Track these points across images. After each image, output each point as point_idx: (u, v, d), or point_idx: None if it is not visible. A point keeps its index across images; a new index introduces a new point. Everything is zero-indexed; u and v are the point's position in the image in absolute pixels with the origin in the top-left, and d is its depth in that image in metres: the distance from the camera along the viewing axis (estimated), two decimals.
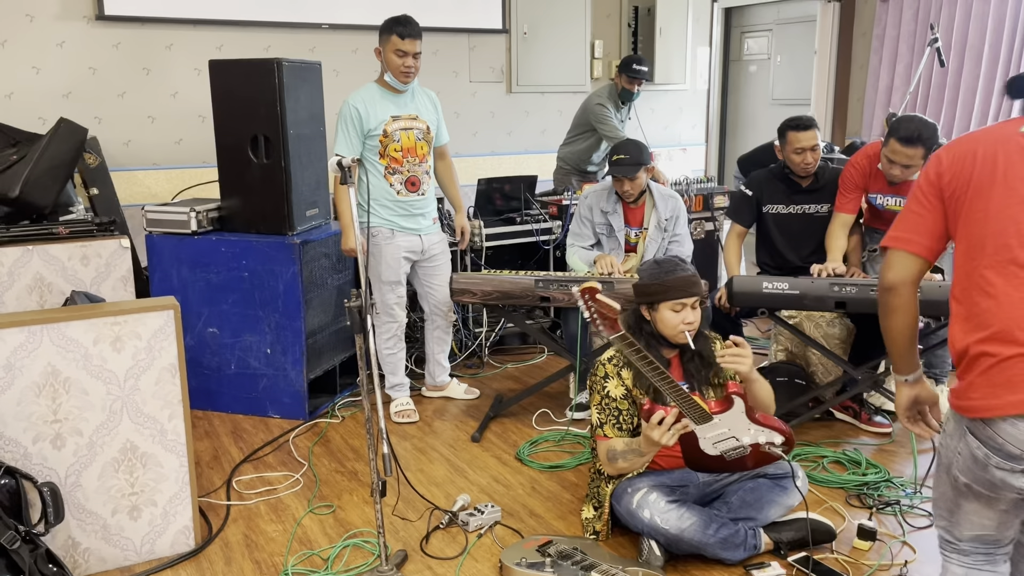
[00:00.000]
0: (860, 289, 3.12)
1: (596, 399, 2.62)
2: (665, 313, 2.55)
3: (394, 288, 3.68)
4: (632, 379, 2.57)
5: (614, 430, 2.57)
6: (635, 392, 2.58)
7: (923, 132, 3.16)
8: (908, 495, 2.93)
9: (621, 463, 2.52)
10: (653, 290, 2.55)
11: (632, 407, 2.58)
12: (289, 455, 3.41)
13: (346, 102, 3.53)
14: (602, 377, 2.61)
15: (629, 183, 3.71)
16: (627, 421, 2.58)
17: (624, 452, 2.51)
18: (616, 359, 2.62)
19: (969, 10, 6.08)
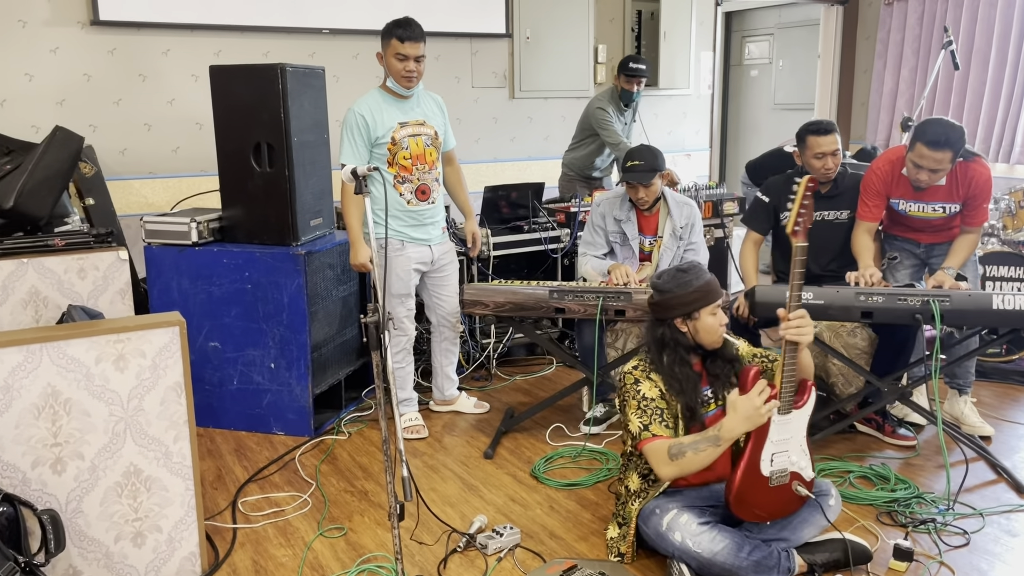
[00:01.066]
0: (887, 298, 3.02)
1: (633, 405, 2.50)
2: (706, 319, 2.47)
3: (404, 301, 3.57)
4: (664, 385, 2.50)
5: (663, 428, 2.45)
6: (667, 395, 2.49)
7: (951, 135, 3.07)
8: (941, 512, 2.83)
9: (690, 456, 2.35)
10: (692, 298, 2.46)
11: (669, 407, 2.48)
12: (296, 474, 3.29)
13: (351, 110, 3.41)
14: (633, 383, 2.50)
15: (644, 190, 3.61)
16: (670, 419, 2.48)
17: (695, 443, 2.37)
18: (641, 366, 2.53)
19: (976, 13, 6.02)
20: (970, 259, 3.47)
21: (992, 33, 5.92)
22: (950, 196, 3.32)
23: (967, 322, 3.02)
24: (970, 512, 2.86)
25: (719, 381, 2.54)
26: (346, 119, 3.40)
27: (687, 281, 2.47)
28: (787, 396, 2.39)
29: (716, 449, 2.35)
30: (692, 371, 2.49)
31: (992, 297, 2.96)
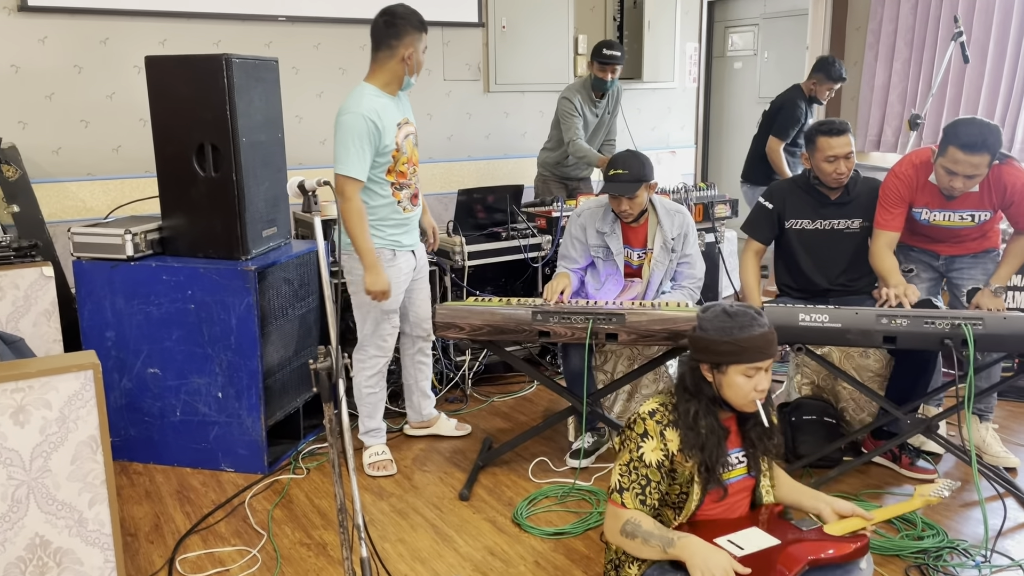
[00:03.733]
0: (913, 322, 2.69)
1: (625, 458, 2.13)
2: (736, 378, 2.08)
3: (391, 317, 3.21)
4: (680, 442, 2.11)
5: (635, 501, 2.10)
6: (678, 458, 2.10)
7: (988, 137, 2.74)
8: (978, 565, 2.51)
9: (638, 543, 2.05)
10: (724, 349, 2.07)
11: (664, 480, 2.11)
12: (244, 522, 2.90)
13: (357, 113, 2.94)
14: (640, 435, 2.12)
15: (628, 202, 3.24)
16: (652, 495, 2.11)
17: (649, 535, 2.04)
18: (661, 415, 2.13)
19: (974, 4, 5.72)
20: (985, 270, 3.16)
21: (992, 24, 5.63)
22: (981, 203, 2.99)
23: (1003, 348, 2.70)
24: (1009, 564, 2.54)
25: (754, 447, 2.18)
26: (350, 124, 2.94)
27: (727, 327, 2.08)
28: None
29: (661, 555, 2.02)
30: (718, 424, 2.12)
31: None
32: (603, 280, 3.39)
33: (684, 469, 2.13)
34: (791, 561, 1.98)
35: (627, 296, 3.41)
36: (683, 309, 2.96)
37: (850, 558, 2.05)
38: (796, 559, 1.99)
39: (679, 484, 2.16)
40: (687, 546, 1.98)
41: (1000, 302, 2.92)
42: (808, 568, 2.00)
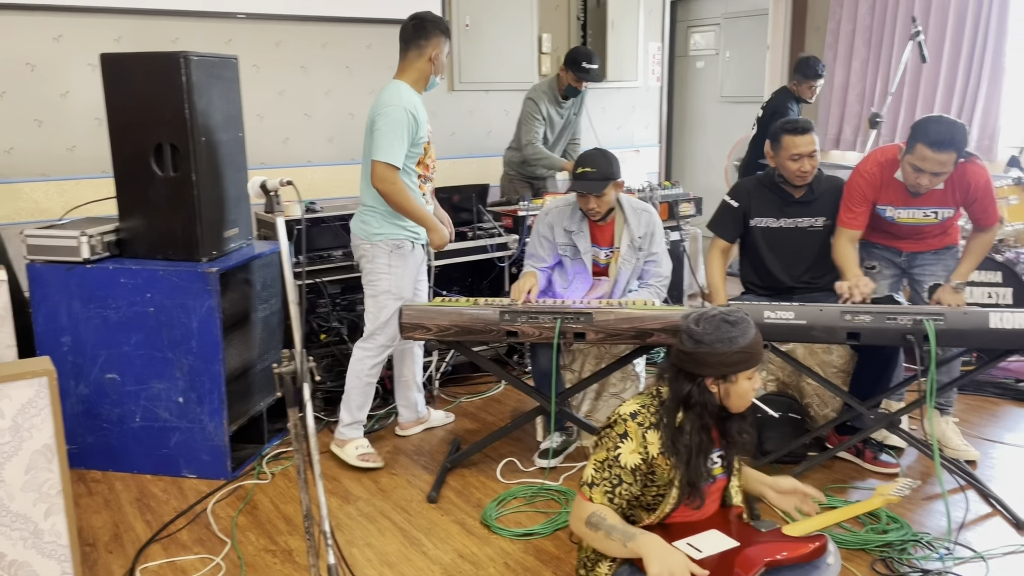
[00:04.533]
0: (876, 318, 2.72)
1: (601, 455, 2.11)
2: (743, 384, 2.06)
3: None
4: (661, 445, 2.09)
5: (604, 497, 2.09)
6: (659, 460, 2.09)
7: (955, 135, 2.78)
8: (942, 557, 2.55)
9: (600, 536, 2.04)
10: (735, 359, 2.03)
11: (636, 484, 2.10)
12: (207, 530, 2.83)
13: (399, 106, 3.07)
14: (619, 435, 2.09)
15: (595, 200, 3.23)
16: (622, 495, 2.10)
17: (612, 528, 2.03)
18: (643, 417, 2.10)
19: (930, 3, 5.83)
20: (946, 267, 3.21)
21: (947, 24, 5.74)
22: (945, 200, 3.04)
23: (962, 343, 2.75)
24: (971, 556, 2.58)
25: (732, 447, 2.18)
26: (394, 115, 3.06)
27: (732, 337, 2.03)
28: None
29: (620, 550, 2.01)
30: (710, 440, 2.12)
31: (989, 316, 2.69)
32: (571, 279, 3.39)
33: (664, 472, 2.12)
34: (748, 563, 1.99)
35: (594, 295, 3.40)
36: (650, 308, 2.96)
37: (807, 558, 2.06)
38: (753, 561, 2.00)
39: (657, 486, 2.15)
40: (646, 543, 1.97)
41: (961, 298, 2.97)
42: (765, 569, 2.01)
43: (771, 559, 2.04)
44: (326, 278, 3.81)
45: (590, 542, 2.10)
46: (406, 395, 3.55)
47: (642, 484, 2.11)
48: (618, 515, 2.08)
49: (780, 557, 2.05)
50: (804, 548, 2.08)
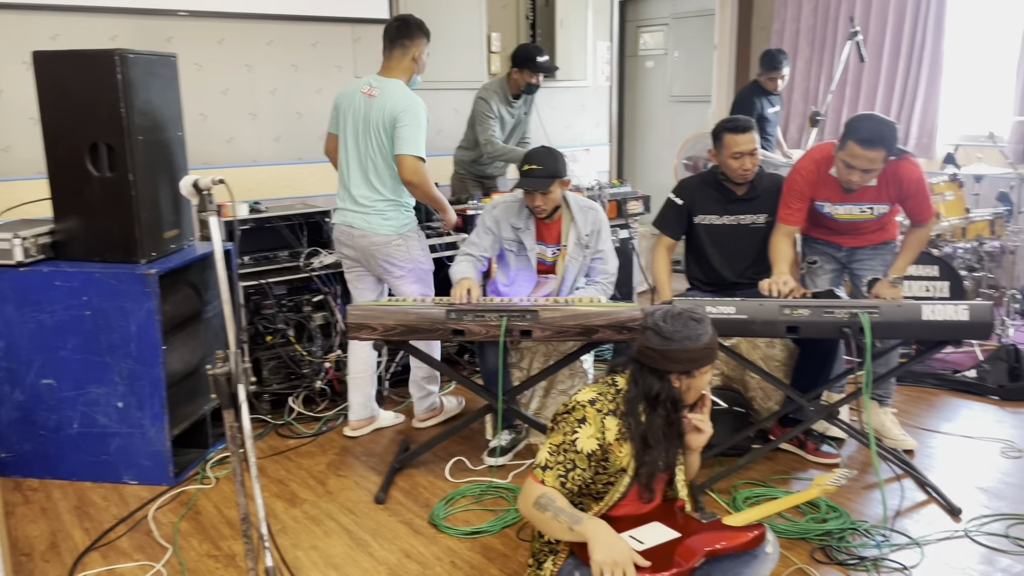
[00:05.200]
0: (813, 312, 2.77)
1: (557, 439, 2.12)
2: (701, 379, 2.13)
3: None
4: (618, 431, 2.12)
5: (556, 481, 2.09)
6: (614, 447, 2.11)
7: (884, 132, 2.85)
8: (878, 544, 2.61)
9: (548, 518, 2.05)
10: (702, 355, 2.08)
11: (589, 469, 2.11)
12: (148, 536, 2.78)
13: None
14: (577, 420, 2.11)
15: (541, 198, 3.24)
16: (574, 480, 2.12)
17: (560, 511, 2.04)
18: (601, 404, 2.13)
19: (870, 4, 5.96)
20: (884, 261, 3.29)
21: (887, 24, 5.88)
22: (879, 197, 3.11)
23: (897, 335, 2.81)
24: (907, 542, 2.65)
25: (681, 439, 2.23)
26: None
27: (699, 335, 2.08)
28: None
29: (566, 533, 2.03)
30: (679, 434, 2.17)
31: (922, 308, 2.76)
32: (513, 277, 3.39)
33: (617, 459, 2.14)
34: (688, 553, 2.02)
35: (542, 292, 3.41)
36: (596, 304, 2.98)
37: (746, 547, 2.10)
38: (693, 551, 2.03)
39: (608, 474, 2.17)
40: (593, 527, 1.99)
41: (898, 291, 3.04)
42: (705, 559, 2.04)
43: (711, 549, 2.07)
44: (272, 279, 3.76)
45: (536, 524, 2.11)
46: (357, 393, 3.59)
47: (594, 471, 2.13)
48: (566, 499, 2.09)
49: (719, 547, 2.08)
50: (743, 537, 2.11)
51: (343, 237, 3.46)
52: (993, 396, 3.86)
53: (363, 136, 3.34)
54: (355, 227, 3.38)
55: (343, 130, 3.42)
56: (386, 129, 3.28)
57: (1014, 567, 2.52)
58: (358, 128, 3.35)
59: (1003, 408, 3.75)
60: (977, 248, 4.52)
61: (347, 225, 3.41)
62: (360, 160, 3.36)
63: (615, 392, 2.17)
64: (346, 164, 3.41)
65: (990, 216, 4.51)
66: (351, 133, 3.38)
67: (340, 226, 3.46)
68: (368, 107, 3.33)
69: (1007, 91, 5.44)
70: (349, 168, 3.39)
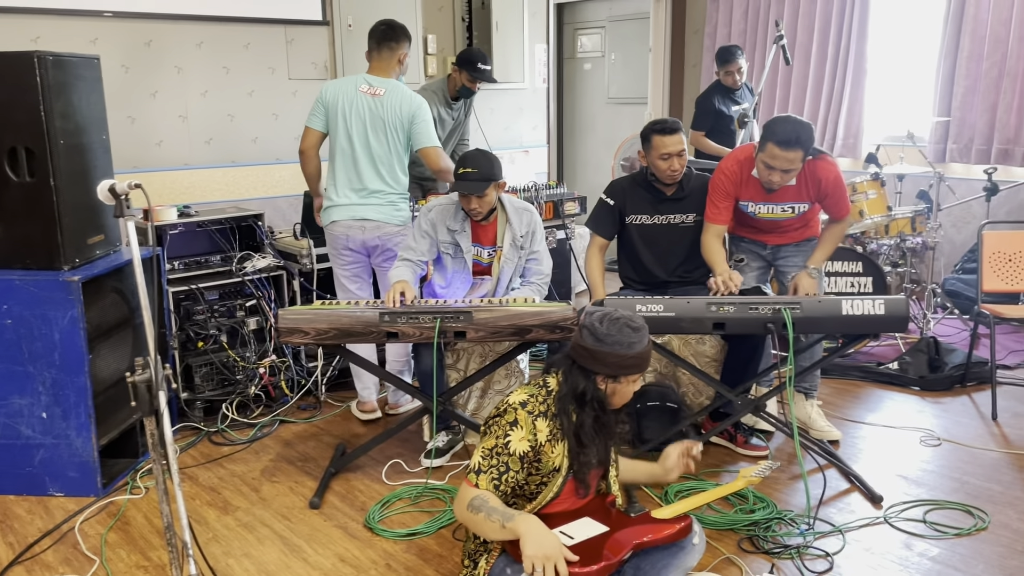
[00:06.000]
0: (739, 308, 2.85)
1: (490, 443, 2.14)
2: (628, 387, 2.16)
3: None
4: (549, 432, 2.15)
5: (490, 484, 2.12)
6: (546, 448, 2.14)
7: (801, 133, 2.95)
8: (803, 533, 2.69)
9: (481, 519, 2.08)
10: (629, 363, 2.11)
11: (522, 471, 2.14)
12: (75, 549, 2.71)
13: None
14: (509, 423, 2.13)
15: (476, 200, 3.26)
16: (507, 482, 2.14)
17: (492, 511, 2.07)
18: (532, 405, 2.15)
19: (798, 9, 6.13)
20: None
21: (813, 28, 6.05)
22: (799, 196, 3.21)
23: (818, 329, 2.91)
24: (830, 530, 2.74)
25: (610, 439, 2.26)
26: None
27: (632, 343, 2.10)
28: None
29: (499, 531, 2.05)
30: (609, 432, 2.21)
31: (841, 303, 2.86)
32: (449, 279, 3.41)
33: (549, 460, 2.17)
34: (617, 547, 2.07)
35: (477, 294, 3.43)
36: (530, 304, 3.01)
37: (673, 539, 2.16)
38: (621, 545, 2.08)
39: (541, 474, 2.19)
40: (524, 524, 2.01)
41: (815, 283, 3.13)
42: (633, 552, 2.09)
43: (638, 542, 2.12)
44: (203, 284, 3.70)
45: (471, 526, 2.13)
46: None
47: (527, 472, 2.16)
48: (500, 500, 2.12)
49: (646, 539, 2.13)
50: (669, 529, 2.17)
51: (352, 232, 3.54)
52: (914, 387, 4.01)
53: (374, 133, 3.48)
54: (369, 219, 3.52)
55: (344, 128, 3.49)
56: (403, 126, 3.50)
57: (930, 551, 2.62)
58: (366, 125, 3.48)
59: (924, 398, 3.90)
60: (900, 244, 4.69)
61: (360, 219, 3.52)
62: (371, 155, 3.50)
63: (546, 394, 2.21)
64: (351, 160, 3.51)
65: (911, 213, 4.68)
66: (357, 130, 3.48)
67: (347, 221, 3.53)
68: (377, 105, 3.47)
69: (927, 93, 5.66)
70: (357, 164, 3.50)
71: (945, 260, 5.56)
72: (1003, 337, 4.69)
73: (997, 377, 3.79)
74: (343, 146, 3.51)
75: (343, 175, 3.53)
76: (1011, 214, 5.20)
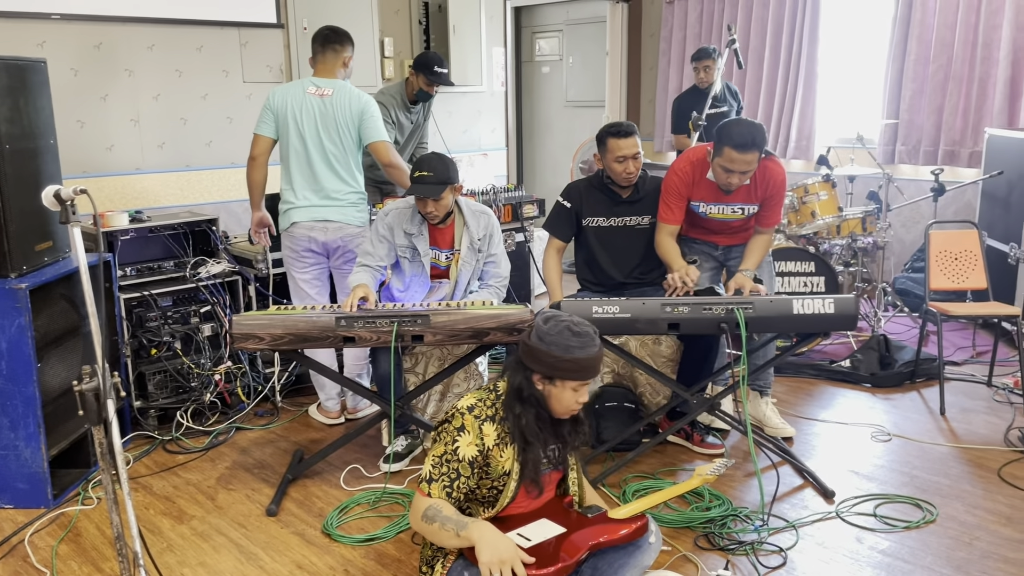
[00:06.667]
0: (693, 308, 2.89)
1: (439, 450, 2.15)
2: (565, 392, 2.15)
3: None
4: (497, 437, 2.16)
5: (442, 492, 2.13)
6: (494, 452, 2.15)
7: (755, 135, 3.01)
8: (757, 529, 2.73)
9: (436, 528, 2.09)
10: (563, 366, 2.11)
11: (473, 477, 2.15)
12: (25, 562, 2.66)
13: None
14: (456, 429, 2.14)
15: (433, 204, 3.25)
16: (459, 489, 2.15)
17: (447, 520, 2.07)
18: (479, 410, 2.17)
19: (751, 12, 6.23)
20: (765, 260, 3.46)
21: (766, 33, 6.16)
22: (749, 197, 3.27)
23: (770, 328, 2.96)
24: (784, 525, 2.79)
25: (565, 443, 2.28)
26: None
27: (569, 346, 2.11)
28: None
29: (454, 540, 2.06)
30: (550, 432, 2.21)
31: (792, 302, 2.91)
32: (408, 282, 3.40)
33: (498, 464, 2.18)
34: (573, 548, 2.09)
35: (435, 297, 3.43)
36: (487, 307, 3.01)
37: (629, 538, 2.18)
38: (577, 546, 2.10)
39: (491, 479, 2.20)
40: (478, 530, 2.02)
41: (750, 282, 3.17)
42: (589, 552, 2.11)
43: (594, 542, 2.14)
44: (156, 290, 3.64)
45: (427, 536, 2.14)
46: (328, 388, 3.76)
47: (478, 477, 2.16)
48: (453, 507, 2.12)
49: (602, 540, 2.15)
50: (625, 529, 2.19)
51: (315, 233, 3.55)
52: (866, 384, 4.10)
53: (327, 133, 3.50)
54: (331, 220, 3.54)
55: (296, 131, 3.50)
56: (353, 123, 3.53)
57: (880, 544, 2.68)
58: (318, 126, 3.49)
59: (875, 395, 3.98)
60: (851, 244, 4.79)
61: (321, 220, 3.53)
62: (326, 157, 3.53)
63: (495, 398, 2.22)
64: (307, 163, 3.52)
65: (862, 214, 4.78)
66: (310, 132, 3.50)
67: (309, 222, 3.54)
68: (327, 106, 3.50)
69: (876, 96, 5.79)
70: (313, 166, 3.52)
71: (895, 259, 5.69)
72: (951, 334, 4.82)
73: (945, 373, 3.90)
74: (297, 149, 3.50)
75: (300, 177, 3.52)
76: (958, 214, 5.35)
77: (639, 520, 2.23)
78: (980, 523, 2.79)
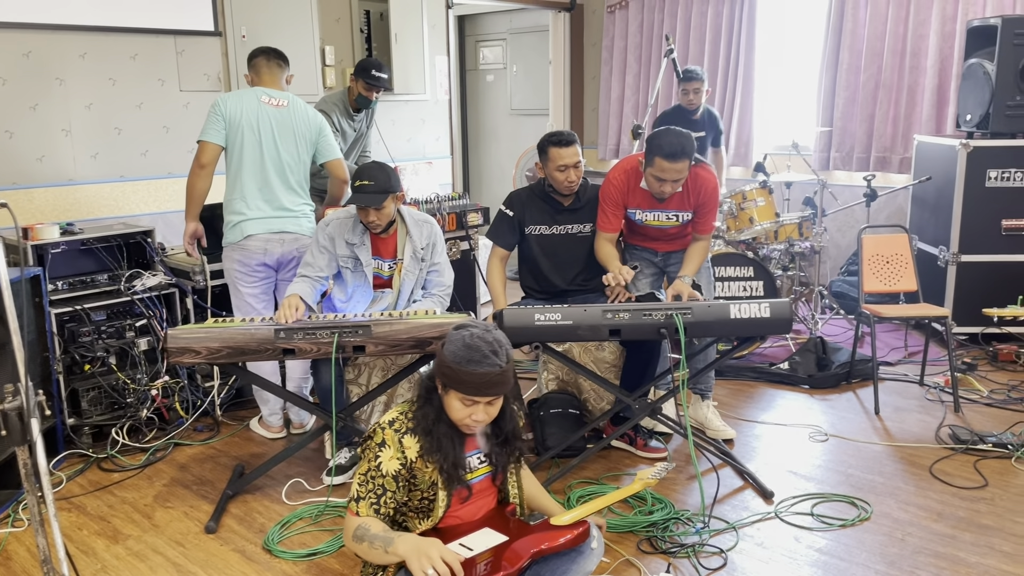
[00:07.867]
0: (633, 315, 2.92)
1: (364, 467, 2.14)
2: (453, 401, 2.15)
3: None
4: (419, 448, 2.15)
5: (370, 509, 2.11)
6: (418, 464, 2.14)
7: (685, 144, 3.07)
8: (698, 531, 2.77)
9: (366, 547, 2.07)
10: (449, 374, 2.12)
11: (400, 490, 2.14)
12: None
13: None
14: (378, 444, 2.13)
15: (374, 213, 3.23)
16: (387, 504, 2.14)
17: (375, 538, 2.06)
18: (400, 423, 2.16)
19: (689, 22, 6.34)
20: (703, 265, 3.52)
21: (704, 42, 6.27)
22: (682, 204, 3.34)
23: (709, 333, 3.01)
24: (724, 527, 2.83)
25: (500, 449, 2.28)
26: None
27: (468, 359, 2.10)
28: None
29: (384, 557, 2.04)
30: (453, 429, 2.19)
31: (729, 307, 2.96)
32: (350, 293, 3.37)
33: (424, 475, 2.17)
34: (515, 556, 2.09)
35: (378, 307, 3.40)
36: (429, 316, 3.00)
37: (571, 544, 2.19)
38: (519, 554, 2.10)
39: (420, 490, 2.19)
40: (403, 544, 2.01)
41: (687, 287, 3.22)
42: (532, 560, 2.11)
43: (536, 550, 2.14)
44: (89, 304, 3.54)
45: (362, 556, 2.13)
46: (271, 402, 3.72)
47: (406, 489, 2.15)
48: (384, 524, 2.11)
49: (544, 547, 2.15)
50: (567, 535, 2.20)
51: (271, 245, 3.49)
52: (804, 385, 4.20)
53: (284, 143, 3.48)
54: (288, 231, 3.52)
55: (251, 140, 3.43)
56: (312, 138, 3.56)
57: (817, 542, 2.74)
58: (275, 136, 3.45)
59: (812, 396, 4.08)
60: (788, 249, 4.90)
61: (278, 231, 3.49)
62: (279, 167, 3.49)
63: (416, 409, 2.22)
64: (261, 172, 3.46)
65: (798, 219, 4.90)
66: (267, 142, 3.45)
67: (265, 234, 3.47)
68: (284, 117, 3.48)
69: (810, 104, 5.94)
70: (267, 176, 3.47)
71: (831, 263, 5.84)
72: (884, 335, 4.96)
73: (879, 373, 4.01)
74: (253, 158, 3.43)
75: (253, 187, 3.45)
76: (890, 218, 5.52)
77: (580, 526, 2.24)
78: (912, 519, 2.87)
